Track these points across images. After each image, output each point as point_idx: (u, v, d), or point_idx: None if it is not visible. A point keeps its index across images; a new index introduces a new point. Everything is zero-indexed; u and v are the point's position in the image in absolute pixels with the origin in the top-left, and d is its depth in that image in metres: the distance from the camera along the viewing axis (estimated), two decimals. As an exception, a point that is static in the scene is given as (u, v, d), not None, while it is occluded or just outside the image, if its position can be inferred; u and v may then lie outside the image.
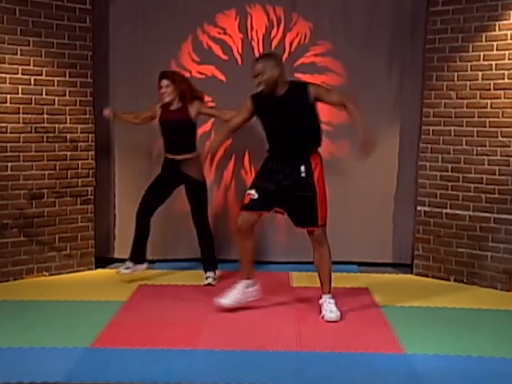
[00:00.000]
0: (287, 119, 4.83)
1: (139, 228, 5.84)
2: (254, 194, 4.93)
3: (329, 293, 5.02)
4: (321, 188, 4.92)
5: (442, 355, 4.25)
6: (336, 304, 4.98)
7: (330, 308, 4.93)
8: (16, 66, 5.77)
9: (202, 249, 5.92)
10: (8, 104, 5.77)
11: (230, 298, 5.05)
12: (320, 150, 5.02)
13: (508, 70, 5.70)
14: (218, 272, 5.92)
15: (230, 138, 5.55)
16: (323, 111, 6.59)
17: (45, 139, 5.99)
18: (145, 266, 5.93)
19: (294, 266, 6.51)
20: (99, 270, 6.38)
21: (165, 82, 5.69)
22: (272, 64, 4.82)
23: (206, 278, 5.83)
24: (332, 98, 4.88)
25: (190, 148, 5.74)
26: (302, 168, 4.87)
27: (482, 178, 5.89)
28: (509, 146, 5.74)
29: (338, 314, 4.91)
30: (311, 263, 6.47)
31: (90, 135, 6.23)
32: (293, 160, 4.88)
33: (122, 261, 6.59)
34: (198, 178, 5.54)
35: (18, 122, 5.84)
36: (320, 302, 5.03)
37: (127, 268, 5.83)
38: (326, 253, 5.01)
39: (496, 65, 5.76)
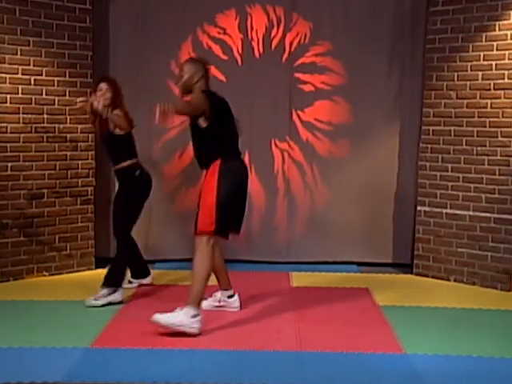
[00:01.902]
0: (191, 128, 4.76)
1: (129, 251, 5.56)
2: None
3: (188, 305, 4.54)
4: (207, 193, 4.60)
5: (442, 355, 4.25)
6: (179, 317, 4.48)
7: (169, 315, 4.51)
8: (16, 66, 5.77)
9: None
10: (8, 104, 5.77)
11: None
12: (230, 156, 4.74)
13: (508, 69, 5.70)
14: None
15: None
16: (322, 111, 6.64)
17: (45, 139, 5.99)
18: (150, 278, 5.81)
19: (293, 266, 6.51)
20: (99, 270, 6.36)
21: (104, 86, 5.33)
22: (194, 65, 4.74)
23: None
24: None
25: (122, 159, 5.40)
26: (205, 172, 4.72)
27: (482, 178, 5.89)
28: (509, 146, 5.74)
29: (161, 319, 4.47)
30: (311, 263, 6.52)
31: (90, 135, 6.23)
32: (202, 167, 4.75)
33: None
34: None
35: (18, 122, 5.84)
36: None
37: (130, 282, 5.71)
38: (197, 263, 4.61)
39: (496, 65, 5.76)
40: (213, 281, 5.84)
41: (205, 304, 4.97)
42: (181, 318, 4.47)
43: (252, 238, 6.70)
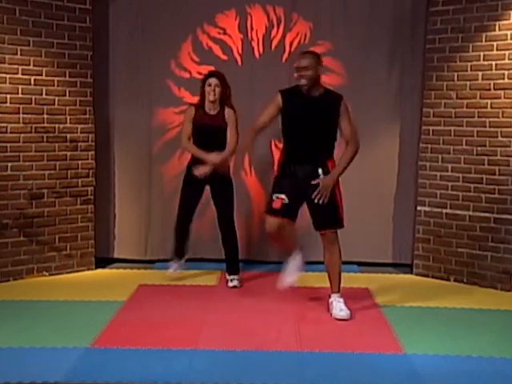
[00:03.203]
0: (317, 121, 4.85)
1: (182, 233, 5.82)
2: (284, 198, 4.93)
3: (338, 292, 5.04)
4: (339, 190, 4.99)
5: (442, 355, 4.25)
6: (345, 303, 4.99)
7: (339, 307, 4.96)
8: (16, 66, 5.77)
9: (227, 252, 5.87)
10: (8, 104, 5.77)
11: (292, 275, 5.10)
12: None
13: (508, 69, 5.71)
14: (240, 274, 5.89)
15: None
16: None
17: (45, 139, 5.99)
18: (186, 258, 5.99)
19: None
20: (99, 270, 6.38)
21: (214, 82, 5.63)
22: (317, 62, 4.84)
23: (231, 281, 5.77)
24: (345, 128, 4.91)
25: (221, 151, 5.68)
26: (320, 170, 4.90)
27: (482, 178, 5.89)
28: (509, 146, 5.74)
29: (348, 312, 4.93)
30: (311, 263, 6.48)
31: (90, 135, 6.23)
32: (312, 162, 4.90)
33: (122, 261, 6.62)
34: (226, 177, 5.70)
35: (18, 122, 5.84)
36: (329, 301, 5.05)
37: (180, 265, 5.89)
38: (336, 252, 5.02)
39: (496, 65, 5.76)
40: (210, 281, 5.86)
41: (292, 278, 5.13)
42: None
43: (252, 238, 6.70)
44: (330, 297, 5.07)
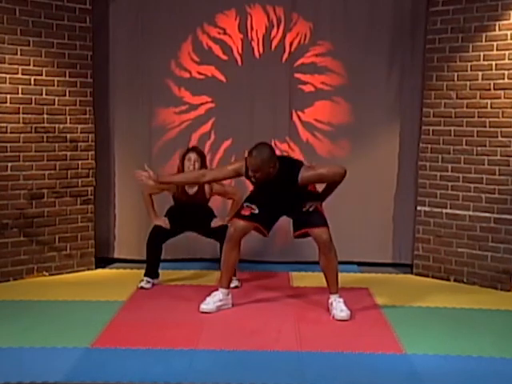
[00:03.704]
0: (279, 195, 4.98)
1: (153, 253, 5.79)
2: (255, 208, 5.05)
3: (336, 292, 5.05)
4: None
5: (442, 355, 4.25)
6: (345, 303, 4.99)
7: (340, 307, 4.96)
8: (16, 66, 5.77)
9: None
10: (8, 104, 5.77)
11: (210, 304, 5.06)
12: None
13: (508, 69, 5.71)
14: (237, 274, 5.88)
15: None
16: (322, 111, 6.64)
17: (45, 139, 5.98)
18: (159, 278, 5.87)
19: (293, 265, 6.51)
20: (99, 270, 6.38)
21: (194, 157, 5.65)
22: (267, 162, 4.78)
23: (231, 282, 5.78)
24: (322, 180, 5.04)
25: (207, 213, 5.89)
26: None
27: (482, 177, 5.89)
28: (509, 146, 5.74)
29: (349, 312, 4.93)
30: (311, 263, 6.49)
31: (90, 135, 6.23)
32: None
33: (122, 261, 6.61)
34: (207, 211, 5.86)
35: (18, 122, 5.84)
36: (329, 301, 5.05)
37: (148, 282, 5.73)
38: (333, 257, 5.02)
39: (496, 65, 5.76)
40: (210, 281, 5.86)
41: (209, 307, 5.05)
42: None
43: (252, 238, 6.69)
44: (328, 298, 5.07)
